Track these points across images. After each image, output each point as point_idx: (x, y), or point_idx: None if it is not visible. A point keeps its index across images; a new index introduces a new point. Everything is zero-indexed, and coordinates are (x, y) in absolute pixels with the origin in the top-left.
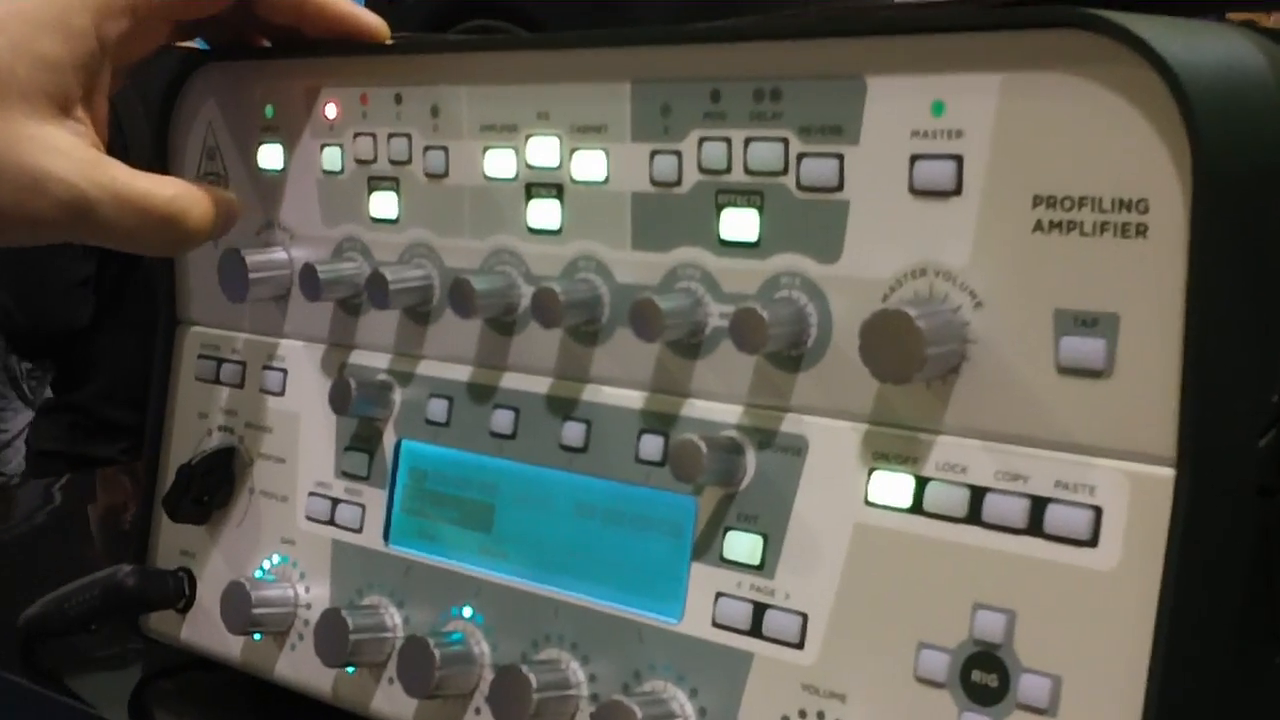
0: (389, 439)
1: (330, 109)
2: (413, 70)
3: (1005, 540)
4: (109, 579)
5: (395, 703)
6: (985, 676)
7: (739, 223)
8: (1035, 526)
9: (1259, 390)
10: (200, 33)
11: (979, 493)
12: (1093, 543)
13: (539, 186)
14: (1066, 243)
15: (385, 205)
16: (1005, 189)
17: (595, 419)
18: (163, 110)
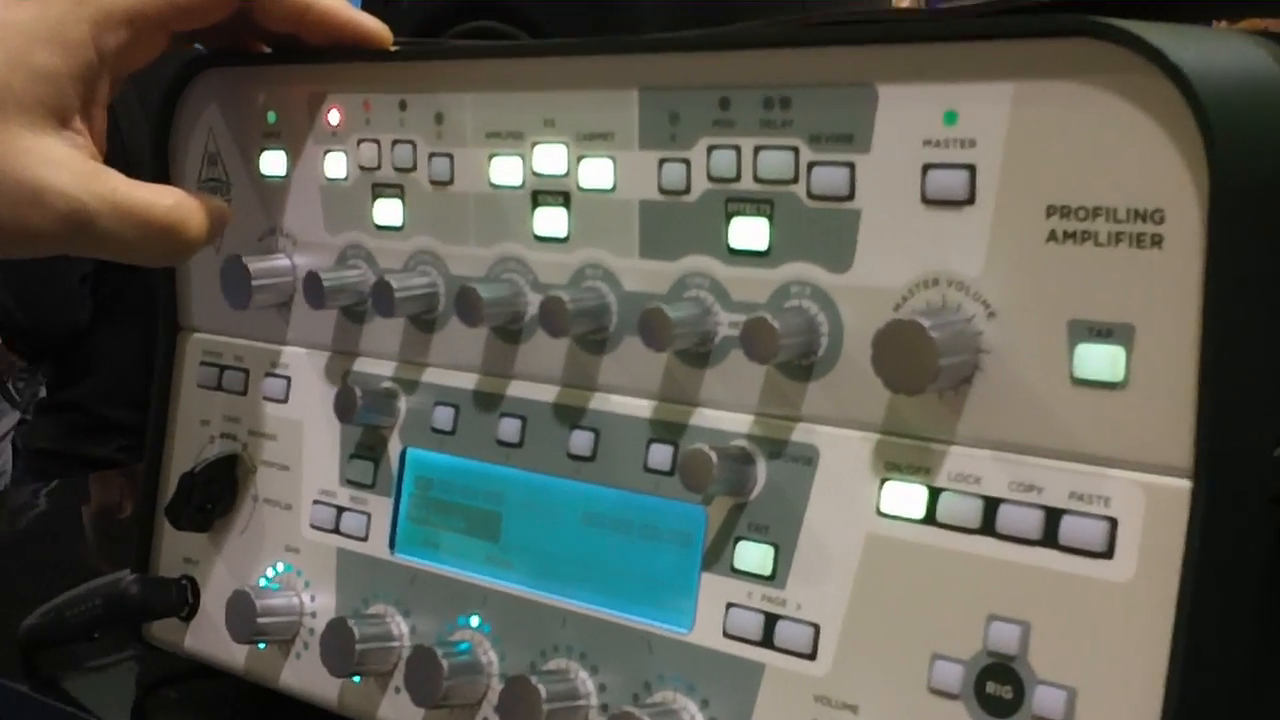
0: (394, 447)
1: (333, 115)
2: (417, 76)
3: (1020, 551)
4: (111, 587)
5: (402, 712)
6: (1000, 688)
7: (749, 231)
8: (1050, 538)
9: (1275, 401)
10: (199, 41)
11: (993, 504)
12: (1108, 554)
13: (545, 194)
14: (1081, 253)
15: (390, 212)
16: (1018, 199)
17: (603, 428)
18: (163, 115)
